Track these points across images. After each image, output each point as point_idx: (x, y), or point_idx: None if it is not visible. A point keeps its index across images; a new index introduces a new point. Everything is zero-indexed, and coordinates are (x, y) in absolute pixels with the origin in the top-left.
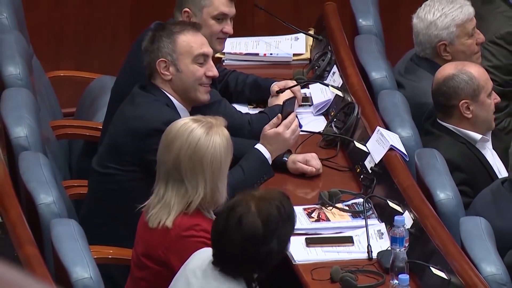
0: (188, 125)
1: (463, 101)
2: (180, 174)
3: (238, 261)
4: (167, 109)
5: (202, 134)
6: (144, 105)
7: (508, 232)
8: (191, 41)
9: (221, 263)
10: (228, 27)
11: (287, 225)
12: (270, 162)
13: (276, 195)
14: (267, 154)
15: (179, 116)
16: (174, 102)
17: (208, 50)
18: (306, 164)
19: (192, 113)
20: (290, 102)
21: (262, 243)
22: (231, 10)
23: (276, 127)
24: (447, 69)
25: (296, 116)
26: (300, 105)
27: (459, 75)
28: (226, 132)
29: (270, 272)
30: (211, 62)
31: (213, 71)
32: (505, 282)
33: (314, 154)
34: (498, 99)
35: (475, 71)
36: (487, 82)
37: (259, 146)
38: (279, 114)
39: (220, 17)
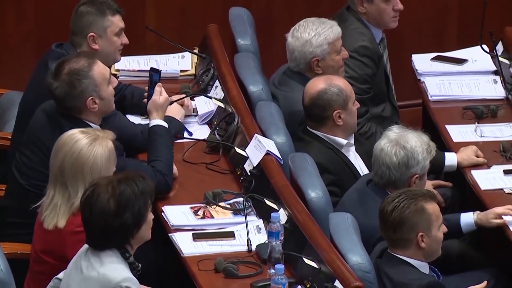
0: (74, 136)
1: (336, 111)
2: (64, 179)
3: (100, 234)
4: None
5: (85, 144)
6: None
7: (372, 228)
8: (101, 69)
9: (90, 239)
10: (125, 39)
11: (140, 201)
12: (166, 124)
13: (132, 176)
14: (163, 123)
15: None
16: (92, 125)
17: (108, 69)
18: None
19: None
20: (156, 74)
21: (115, 216)
22: (123, 23)
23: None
24: (318, 84)
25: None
26: (187, 116)
27: (330, 88)
28: (110, 144)
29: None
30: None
31: (116, 81)
32: (368, 270)
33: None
34: (358, 105)
35: (342, 83)
36: (352, 91)
37: (155, 122)
38: (159, 83)
39: (120, 32)
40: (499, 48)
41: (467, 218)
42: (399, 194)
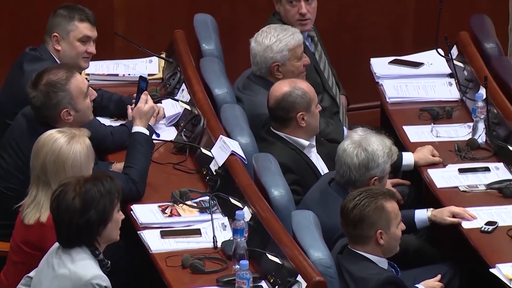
0: (52, 136)
1: (300, 113)
2: (47, 177)
3: (67, 231)
4: None
5: (64, 143)
6: None
7: (333, 225)
8: (79, 82)
9: (59, 236)
10: (92, 48)
11: (105, 200)
12: (148, 132)
13: (99, 176)
14: (145, 131)
15: None
16: None
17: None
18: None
19: None
20: (144, 82)
21: (80, 214)
22: (93, 33)
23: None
24: (283, 87)
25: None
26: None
27: (294, 91)
28: (87, 141)
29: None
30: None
31: (95, 94)
32: (329, 265)
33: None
34: (320, 107)
35: (306, 87)
36: (315, 95)
37: (137, 128)
38: (146, 91)
39: (85, 39)
40: (454, 51)
41: (421, 215)
42: (360, 192)
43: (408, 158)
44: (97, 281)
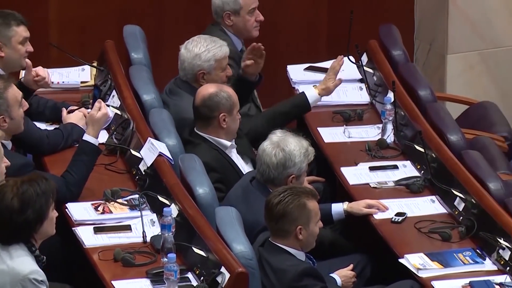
0: None
1: (222, 114)
2: None
3: (6, 229)
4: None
5: None
6: None
7: (254, 220)
8: (15, 92)
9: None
10: (30, 47)
11: (42, 199)
12: (97, 142)
13: (35, 178)
14: (94, 140)
15: None
16: (6, 143)
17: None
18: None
19: None
20: (97, 90)
21: (18, 213)
22: (28, 33)
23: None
24: (210, 88)
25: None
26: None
27: (220, 93)
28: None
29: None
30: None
31: (27, 105)
32: (251, 257)
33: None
34: (239, 116)
35: (231, 92)
36: (238, 101)
37: (86, 137)
38: (99, 99)
39: (23, 41)
40: (364, 59)
41: (338, 208)
42: (285, 189)
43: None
44: (34, 276)
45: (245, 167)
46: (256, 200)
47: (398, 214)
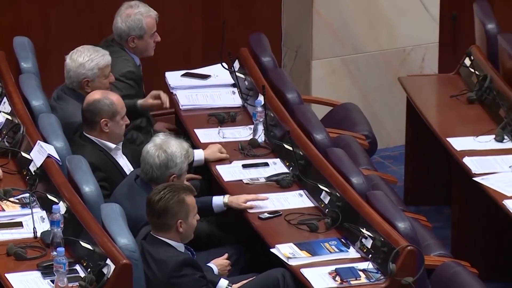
0: None
1: (103, 119)
2: None
3: None
4: None
5: None
6: None
7: (138, 216)
8: None
9: None
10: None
11: None
12: None
13: None
14: None
15: None
16: None
17: None
18: None
19: None
20: None
21: None
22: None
23: None
24: (96, 95)
25: None
26: None
27: (103, 100)
28: None
29: None
30: None
31: None
32: (134, 250)
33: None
34: (128, 121)
35: (115, 99)
36: (122, 108)
37: None
38: None
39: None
40: (236, 65)
41: (218, 201)
42: (165, 187)
43: (199, 154)
44: None
45: (130, 167)
46: (139, 197)
47: (270, 212)
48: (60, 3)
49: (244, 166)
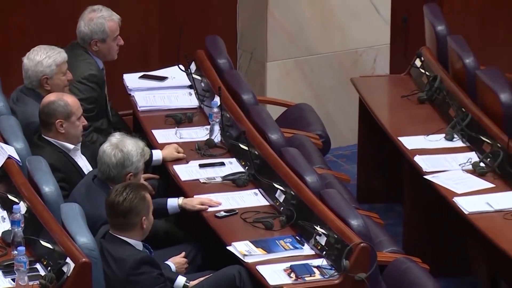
0: None
1: (58, 120)
2: None
3: None
4: None
5: None
6: None
7: (97, 216)
8: None
9: None
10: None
11: None
12: None
13: None
14: None
15: None
16: None
17: None
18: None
19: None
20: None
21: None
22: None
23: None
24: (51, 97)
25: None
26: None
27: (58, 101)
28: None
29: None
30: None
31: None
32: (93, 248)
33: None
34: (85, 122)
35: (70, 101)
36: (78, 109)
37: None
38: None
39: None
40: (193, 67)
41: (173, 203)
42: (125, 187)
43: (157, 154)
44: None
45: (89, 168)
46: (98, 197)
47: (227, 211)
48: (18, 5)
49: (201, 165)
